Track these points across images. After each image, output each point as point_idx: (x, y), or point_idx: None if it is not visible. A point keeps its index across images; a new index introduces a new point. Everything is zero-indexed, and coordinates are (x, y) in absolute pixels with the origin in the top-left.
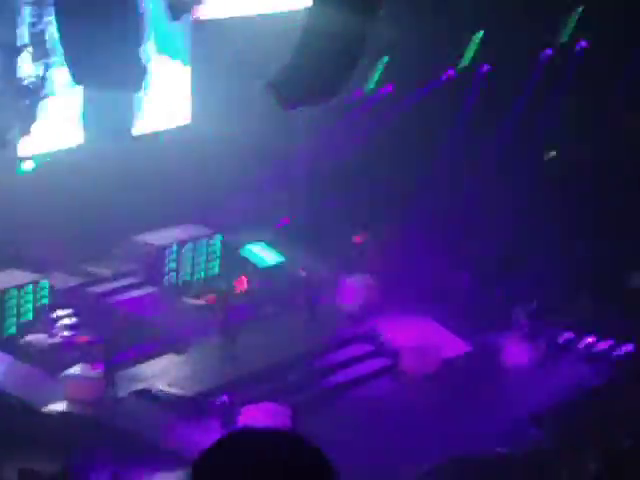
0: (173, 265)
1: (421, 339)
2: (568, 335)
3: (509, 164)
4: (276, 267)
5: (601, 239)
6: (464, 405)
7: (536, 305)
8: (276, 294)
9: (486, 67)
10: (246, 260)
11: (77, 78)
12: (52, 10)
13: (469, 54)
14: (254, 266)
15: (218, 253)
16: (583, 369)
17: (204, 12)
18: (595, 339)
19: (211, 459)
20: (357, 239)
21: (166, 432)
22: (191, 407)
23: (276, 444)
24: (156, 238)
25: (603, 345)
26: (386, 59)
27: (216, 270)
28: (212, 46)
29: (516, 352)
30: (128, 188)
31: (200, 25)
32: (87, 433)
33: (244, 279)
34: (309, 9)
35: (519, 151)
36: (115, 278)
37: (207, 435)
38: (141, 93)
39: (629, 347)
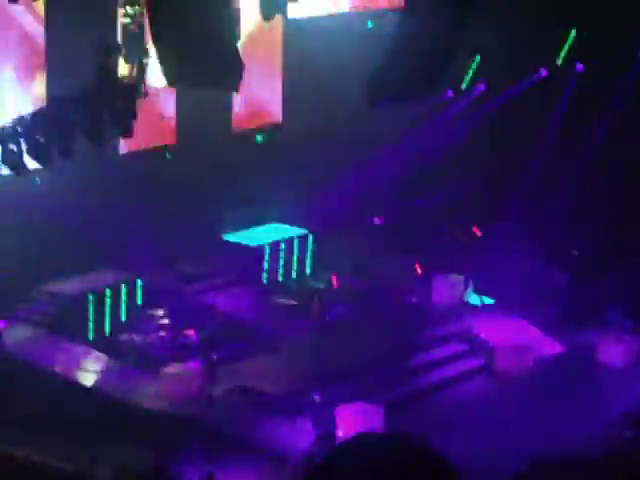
0: (266, 265)
1: (515, 339)
2: None
3: (604, 165)
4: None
5: None
6: (558, 406)
7: (631, 305)
8: (369, 293)
9: (580, 66)
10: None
11: (171, 79)
12: (147, 11)
13: (563, 53)
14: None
15: (311, 253)
16: None
17: (296, 11)
18: None
19: (334, 463)
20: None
21: (260, 431)
22: (284, 406)
23: (398, 450)
24: (247, 238)
25: None
26: (478, 58)
27: (309, 270)
28: (304, 43)
29: (611, 352)
30: (219, 186)
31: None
32: (182, 431)
33: (335, 278)
34: (402, 11)
35: (615, 152)
36: (208, 277)
37: (300, 434)
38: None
39: None
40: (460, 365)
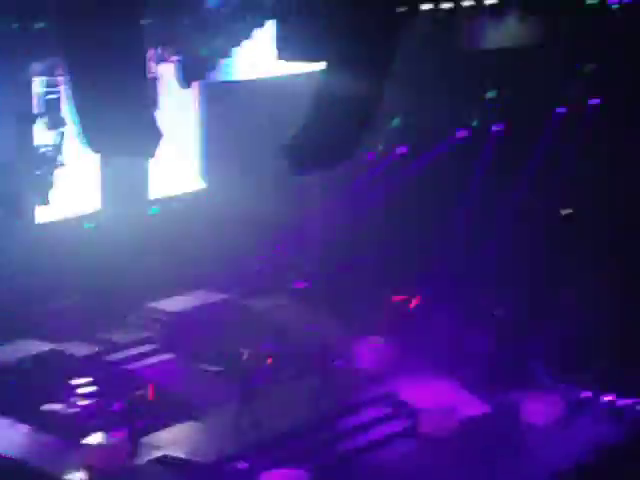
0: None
1: (439, 400)
2: (587, 393)
3: (525, 225)
4: None
5: (623, 303)
6: (484, 466)
7: (554, 364)
8: (293, 357)
9: (498, 127)
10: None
11: (93, 146)
12: (65, 79)
13: (481, 114)
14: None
15: (235, 318)
16: (604, 427)
17: (217, 76)
18: (615, 397)
19: None
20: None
21: None
22: (209, 474)
23: None
24: (171, 305)
25: (623, 402)
26: (398, 121)
27: (234, 334)
28: (225, 107)
29: (535, 411)
30: (143, 254)
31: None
32: None
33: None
34: (321, 72)
35: (534, 212)
36: (131, 345)
37: None
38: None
39: None
40: (385, 428)
